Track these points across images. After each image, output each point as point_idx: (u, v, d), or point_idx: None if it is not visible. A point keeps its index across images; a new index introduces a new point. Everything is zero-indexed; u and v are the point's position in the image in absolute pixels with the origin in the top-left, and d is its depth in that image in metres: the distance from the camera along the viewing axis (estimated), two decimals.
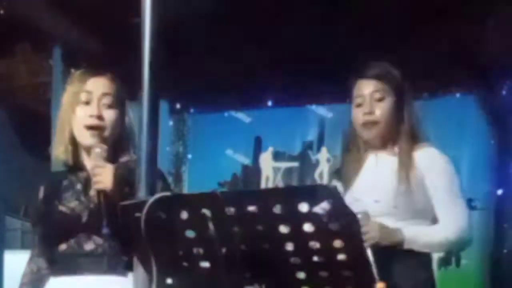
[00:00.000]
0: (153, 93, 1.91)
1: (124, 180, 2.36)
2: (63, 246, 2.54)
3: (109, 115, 2.58)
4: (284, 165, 5.49)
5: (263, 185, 5.43)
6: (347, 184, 2.88)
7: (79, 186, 2.60)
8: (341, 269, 1.69)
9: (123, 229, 1.92)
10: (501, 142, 4.84)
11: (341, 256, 1.66)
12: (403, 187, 2.75)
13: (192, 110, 5.71)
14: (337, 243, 1.64)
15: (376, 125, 2.84)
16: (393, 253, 2.71)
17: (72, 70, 2.73)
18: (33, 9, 4.95)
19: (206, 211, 1.64)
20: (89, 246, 2.50)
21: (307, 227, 1.63)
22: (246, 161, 5.54)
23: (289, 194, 1.65)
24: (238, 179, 5.53)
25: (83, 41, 5.22)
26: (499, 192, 4.81)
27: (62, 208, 2.55)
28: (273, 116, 5.47)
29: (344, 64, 4.59)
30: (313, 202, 1.58)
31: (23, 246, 8.41)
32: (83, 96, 2.61)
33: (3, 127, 6.32)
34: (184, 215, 1.68)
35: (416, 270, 2.76)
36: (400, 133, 2.84)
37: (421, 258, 2.77)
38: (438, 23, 4.48)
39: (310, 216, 1.60)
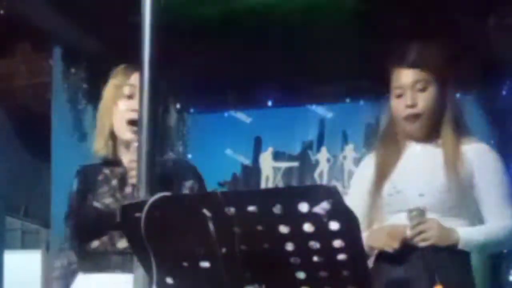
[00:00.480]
0: (153, 93, 1.91)
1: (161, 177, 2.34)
2: (95, 243, 2.50)
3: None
4: (284, 165, 5.49)
5: (263, 185, 5.42)
6: (384, 174, 2.70)
7: (114, 182, 2.55)
8: (341, 269, 1.69)
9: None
10: (501, 142, 4.83)
11: (341, 256, 1.66)
12: (452, 182, 2.59)
13: (192, 110, 5.70)
14: (337, 243, 1.64)
15: (420, 118, 2.66)
16: (444, 253, 2.56)
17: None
18: (33, 9, 4.94)
19: (206, 211, 1.64)
20: (122, 244, 2.45)
21: (307, 227, 1.63)
22: (246, 161, 5.53)
23: (289, 194, 1.65)
24: (238, 179, 5.53)
25: (83, 41, 5.22)
26: None
27: (96, 204, 2.51)
28: (273, 116, 5.47)
29: (344, 64, 4.59)
30: (313, 202, 1.58)
31: (23, 246, 8.42)
32: (127, 90, 2.55)
33: (3, 127, 6.32)
34: (184, 215, 1.68)
35: (461, 272, 2.62)
36: (444, 124, 2.67)
37: (465, 259, 2.63)
38: (439, 23, 4.47)
39: (310, 216, 1.60)
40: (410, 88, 2.65)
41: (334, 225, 1.61)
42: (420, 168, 2.67)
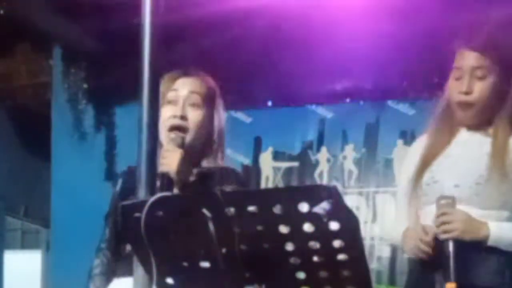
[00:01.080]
0: (153, 93, 1.91)
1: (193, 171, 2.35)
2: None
3: (194, 115, 2.50)
4: (284, 165, 5.49)
5: (263, 185, 5.42)
6: (426, 162, 2.57)
7: (161, 177, 2.46)
8: (341, 269, 1.69)
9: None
10: None
11: (341, 256, 1.66)
12: (494, 174, 2.44)
13: None
14: (337, 243, 1.64)
15: (473, 107, 2.52)
16: (474, 249, 2.41)
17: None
18: (33, 9, 4.95)
19: (206, 211, 1.64)
20: None
21: (307, 227, 1.63)
22: (246, 161, 5.53)
23: (289, 194, 1.65)
24: None
25: (83, 41, 5.22)
26: None
27: None
28: (273, 116, 5.47)
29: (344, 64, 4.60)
30: (313, 202, 1.58)
31: (23, 246, 8.43)
32: (170, 96, 2.52)
33: (3, 127, 6.33)
34: (184, 215, 1.68)
35: (496, 272, 2.44)
36: (499, 113, 2.51)
37: (496, 257, 2.44)
38: (438, 22, 4.47)
39: (310, 216, 1.60)
40: (469, 73, 2.50)
41: (334, 225, 1.61)
42: (462, 157, 2.54)
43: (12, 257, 7.02)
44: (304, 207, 1.59)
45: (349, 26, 4.51)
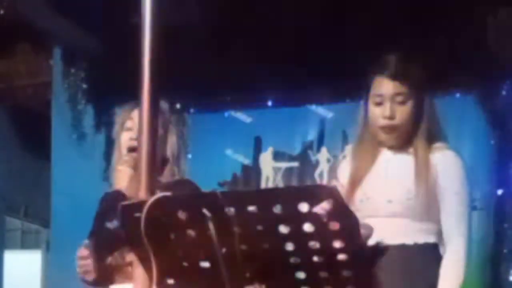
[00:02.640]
0: (153, 93, 1.91)
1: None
2: (109, 259, 2.75)
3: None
4: (284, 165, 5.49)
5: (263, 185, 5.42)
6: (356, 180, 2.78)
7: (116, 194, 2.79)
8: (341, 269, 1.69)
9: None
10: (501, 142, 4.84)
11: (341, 256, 1.66)
12: (420, 189, 2.66)
13: (192, 110, 5.70)
14: (337, 243, 1.64)
15: (396, 130, 2.73)
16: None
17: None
18: (33, 9, 4.95)
19: (206, 211, 1.64)
20: (130, 257, 2.58)
21: (307, 227, 1.63)
22: (246, 161, 5.53)
23: (289, 194, 1.65)
24: (238, 179, 5.53)
25: (83, 41, 5.22)
26: (499, 192, 4.81)
27: (108, 225, 2.73)
28: (273, 116, 5.46)
29: (344, 63, 4.60)
30: (313, 202, 1.58)
31: (23, 246, 8.44)
32: (128, 124, 2.90)
33: (3, 127, 6.33)
34: (184, 215, 1.68)
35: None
36: (418, 133, 2.73)
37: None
38: (438, 22, 4.48)
39: (310, 216, 1.60)
40: (390, 99, 2.70)
41: (334, 225, 1.61)
42: (390, 175, 2.74)
43: (12, 257, 7.03)
44: (304, 207, 1.59)
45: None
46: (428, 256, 2.69)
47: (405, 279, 2.65)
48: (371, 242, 2.63)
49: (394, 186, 2.71)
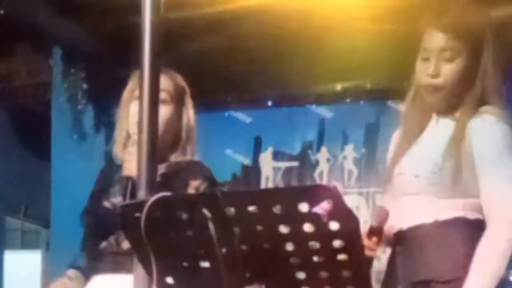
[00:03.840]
0: (153, 93, 1.91)
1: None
2: (103, 244, 2.51)
3: (162, 112, 2.48)
4: (284, 165, 5.49)
5: (263, 185, 5.42)
6: (398, 153, 2.47)
7: (125, 181, 2.52)
8: (341, 269, 1.69)
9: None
10: None
11: (341, 256, 1.66)
12: (448, 162, 2.31)
13: None
14: (337, 243, 1.64)
15: (440, 91, 2.38)
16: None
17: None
18: (33, 9, 4.94)
19: (206, 211, 1.64)
20: (127, 245, 2.45)
21: (307, 227, 1.63)
22: (246, 161, 5.53)
23: (289, 194, 1.65)
24: (238, 179, 5.53)
25: (83, 41, 5.22)
26: None
27: (106, 203, 2.51)
28: (273, 116, 5.47)
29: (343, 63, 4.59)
30: (313, 202, 1.58)
31: (23, 246, 8.43)
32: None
33: (3, 127, 6.33)
34: (184, 215, 1.68)
35: None
36: (467, 97, 2.37)
37: None
38: None
39: (310, 216, 1.60)
40: (436, 54, 2.37)
41: (334, 225, 1.61)
42: (426, 145, 2.43)
43: (12, 257, 7.02)
44: (304, 207, 1.59)
45: (349, 25, 4.51)
46: (454, 231, 2.33)
47: (423, 259, 2.33)
48: (388, 226, 2.36)
49: (424, 158, 2.39)
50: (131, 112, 2.56)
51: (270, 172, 5.51)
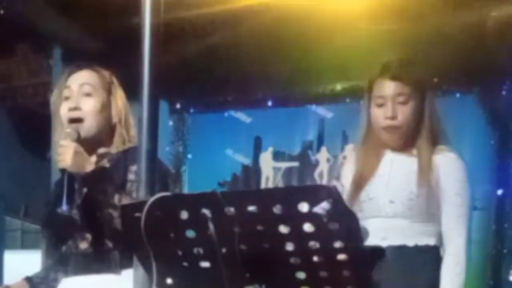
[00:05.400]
0: (153, 93, 1.91)
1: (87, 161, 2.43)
2: (63, 247, 2.55)
3: (87, 104, 2.57)
4: (284, 165, 5.49)
5: (263, 185, 5.42)
6: (360, 182, 2.82)
7: (76, 185, 2.52)
8: (341, 269, 1.69)
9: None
10: (501, 142, 4.83)
11: (341, 256, 1.66)
12: (422, 189, 2.70)
13: (192, 110, 5.70)
14: (337, 243, 1.64)
15: (398, 130, 2.77)
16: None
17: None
18: (33, 9, 4.94)
19: (206, 211, 1.64)
20: (83, 245, 2.49)
21: (307, 227, 1.63)
22: (246, 161, 5.53)
23: (289, 194, 1.65)
24: (238, 179, 5.53)
25: (83, 41, 5.22)
26: (499, 192, 4.81)
27: (59, 209, 2.50)
28: (273, 116, 5.47)
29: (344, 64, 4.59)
30: (313, 202, 1.58)
31: (23, 246, 8.43)
32: (65, 93, 2.61)
33: (3, 127, 6.33)
34: (184, 215, 1.68)
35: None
36: (420, 134, 2.78)
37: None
38: (437, 22, 4.47)
39: (310, 216, 1.60)
40: (391, 100, 2.74)
41: (334, 225, 1.61)
42: (393, 176, 2.78)
43: (12, 257, 7.02)
44: (304, 207, 1.59)
45: (349, 25, 4.51)
46: (429, 258, 2.73)
47: (405, 279, 2.68)
48: (369, 243, 2.61)
49: (397, 187, 2.75)
50: (62, 112, 2.61)
51: (270, 172, 5.51)
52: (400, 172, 2.77)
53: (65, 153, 2.42)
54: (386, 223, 2.73)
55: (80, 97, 2.58)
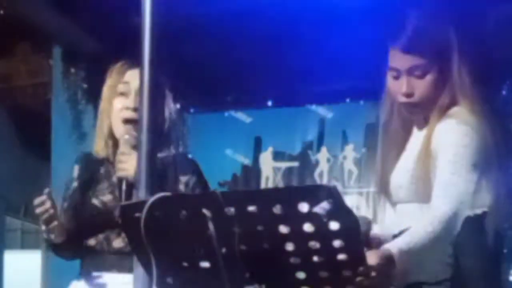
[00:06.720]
0: (153, 93, 1.91)
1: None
2: (92, 241, 2.48)
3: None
4: (284, 165, 5.49)
5: (263, 185, 5.42)
6: (385, 166, 2.50)
7: (115, 179, 2.49)
8: (341, 269, 1.69)
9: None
10: (501, 142, 4.83)
11: (341, 256, 1.66)
12: (420, 172, 2.33)
13: (192, 110, 5.71)
14: (337, 243, 1.64)
15: (418, 107, 2.38)
16: None
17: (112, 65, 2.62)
18: (33, 9, 4.95)
19: (206, 211, 1.64)
20: (118, 244, 2.45)
21: (307, 227, 1.63)
22: (246, 161, 5.53)
23: (289, 194, 1.65)
24: (238, 179, 5.53)
25: (83, 41, 5.22)
26: (499, 192, 4.80)
27: (95, 200, 2.48)
28: (273, 116, 5.47)
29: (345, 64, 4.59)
30: (313, 202, 1.58)
31: (23, 246, 8.43)
32: (121, 88, 2.50)
33: (3, 127, 6.32)
34: (184, 215, 1.68)
35: None
36: (439, 108, 2.36)
37: None
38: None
39: (310, 216, 1.60)
40: (406, 73, 2.36)
41: (334, 225, 1.61)
42: (405, 156, 2.45)
43: (12, 257, 7.02)
44: (304, 207, 1.59)
45: (348, 26, 4.51)
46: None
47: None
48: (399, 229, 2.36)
49: (403, 169, 2.41)
50: (115, 110, 2.50)
51: (270, 172, 5.51)
52: (411, 152, 2.42)
53: (127, 161, 2.36)
54: (401, 209, 2.41)
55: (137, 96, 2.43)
